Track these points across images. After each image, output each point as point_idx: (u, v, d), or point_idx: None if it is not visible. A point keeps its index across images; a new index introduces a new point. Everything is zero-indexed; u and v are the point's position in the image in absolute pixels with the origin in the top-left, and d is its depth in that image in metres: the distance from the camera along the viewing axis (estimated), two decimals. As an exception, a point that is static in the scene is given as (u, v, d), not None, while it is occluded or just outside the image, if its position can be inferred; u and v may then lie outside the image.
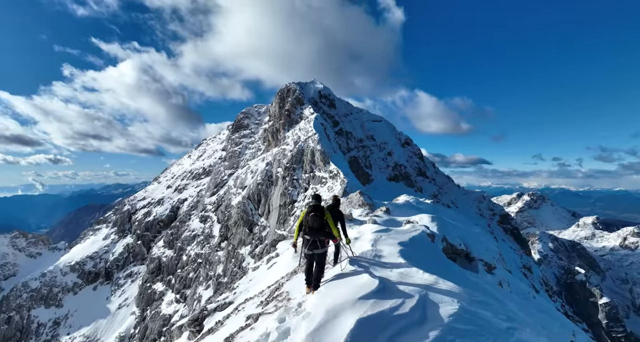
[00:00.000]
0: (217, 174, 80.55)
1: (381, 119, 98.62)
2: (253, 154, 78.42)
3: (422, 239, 10.01)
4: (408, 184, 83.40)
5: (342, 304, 5.50)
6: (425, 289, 6.14)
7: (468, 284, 8.42)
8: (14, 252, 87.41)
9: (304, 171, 57.73)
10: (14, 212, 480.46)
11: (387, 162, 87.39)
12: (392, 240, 9.36)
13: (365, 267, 7.26)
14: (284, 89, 78.52)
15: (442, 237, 11.89)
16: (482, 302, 6.18)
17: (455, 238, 12.47)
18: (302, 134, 63.73)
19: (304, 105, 73.70)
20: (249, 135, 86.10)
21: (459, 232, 14.45)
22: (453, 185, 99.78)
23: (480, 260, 12.83)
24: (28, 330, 69.79)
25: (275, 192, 58.04)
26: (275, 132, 73.15)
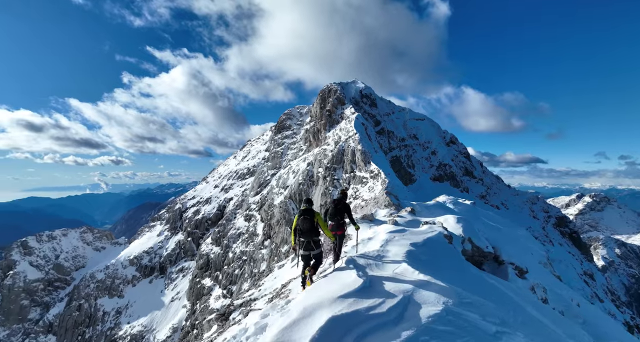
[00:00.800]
0: (260, 174, 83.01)
1: (424, 117, 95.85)
2: (295, 155, 79.76)
3: (437, 240, 9.83)
4: (453, 184, 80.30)
5: (320, 302, 5.55)
6: (413, 290, 6.04)
7: (481, 286, 8.13)
8: (83, 245, 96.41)
9: (344, 171, 57.71)
10: (83, 208, 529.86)
11: (430, 161, 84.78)
12: (404, 241, 9.25)
13: (359, 267, 7.28)
14: (325, 89, 79.00)
15: (467, 239, 11.47)
16: (472, 304, 5.88)
17: (482, 240, 11.88)
18: (343, 134, 63.73)
19: (345, 105, 73.64)
20: (291, 136, 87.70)
21: (490, 234, 13.78)
22: (503, 185, 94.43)
23: (511, 263, 12.15)
24: (95, 317, 76.69)
25: (316, 192, 58.63)
26: (316, 132, 73.85)
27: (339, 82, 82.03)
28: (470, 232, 11.59)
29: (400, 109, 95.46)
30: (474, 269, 9.44)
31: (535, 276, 12.29)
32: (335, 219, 8.75)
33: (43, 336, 77.19)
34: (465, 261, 9.87)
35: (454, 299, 5.77)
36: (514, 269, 11.94)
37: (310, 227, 7.50)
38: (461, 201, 18.56)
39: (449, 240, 10.25)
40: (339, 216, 8.75)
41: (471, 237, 11.49)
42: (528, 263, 13.14)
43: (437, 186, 76.74)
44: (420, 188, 72.64)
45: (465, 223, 11.99)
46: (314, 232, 7.59)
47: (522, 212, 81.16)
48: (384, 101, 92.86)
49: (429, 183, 77.88)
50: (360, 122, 64.48)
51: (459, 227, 11.73)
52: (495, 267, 12.08)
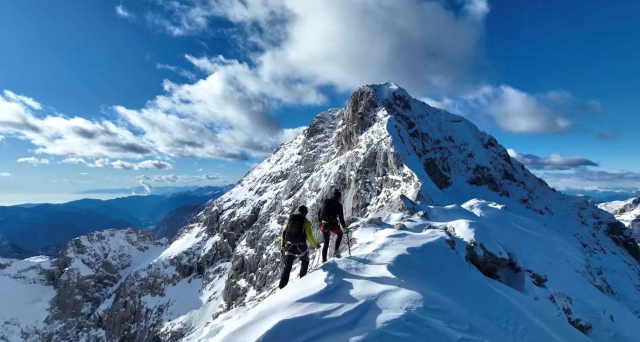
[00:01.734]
0: (293, 177, 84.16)
1: (461, 118, 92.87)
2: (327, 158, 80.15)
3: (438, 245, 9.64)
4: (492, 187, 76.99)
5: (278, 305, 5.54)
6: (379, 294, 5.87)
7: (475, 293, 7.85)
8: (128, 245, 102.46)
9: (376, 173, 57.20)
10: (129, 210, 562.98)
11: (467, 164, 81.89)
12: (401, 245, 9.13)
13: (336, 270, 7.25)
14: (357, 92, 78.87)
15: (479, 244, 11.09)
16: (440, 310, 5.54)
17: (495, 246, 11.33)
18: (375, 137, 63.24)
19: (377, 108, 73.08)
20: (323, 139, 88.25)
21: (516, 240, 13.15)
22: (547, 189, 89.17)
23: (528, 271, 11.50)
24: (139, 313, 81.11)
25: (348, 195, 58.53)
26: (348, 135, 73.83)
27: (372, 85, 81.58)
28: (483, 237, 11.17)
29: (435, 111, 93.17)
30: (475, 275, 9.09)
31: (563, 285, 11.52)
32: (327, 218, 8.99)
33: (94, 329, 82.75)
34: (468, 267, 9.57)
35: (420, 305, 5.57)
36: (532, 276, 11.32)
37: (298, 232, 8.06)
38: (491, 205, 17.77)
39: (451, 245, 10.02)
40: (330, 216, 8.98)
41: (483, 242, 11.11)
42: (561, 271, 12.35)
43: (474, 189, 73.91)
44: (456, 191, 70.34)
45: (478, 228, 11.56)
46: (301, 237, 8.10)
47: (569, 218, 76.07)
48: (418, 103, 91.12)
49: (465, 186, 75.20)
50: (393, 125, 63.70)
51: (470, 232, 11.37)
52: (511, 275, 11.57)
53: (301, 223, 8.13)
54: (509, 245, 12.42)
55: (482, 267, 11.31)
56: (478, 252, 11.12)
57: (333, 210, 8.99)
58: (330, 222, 9.02)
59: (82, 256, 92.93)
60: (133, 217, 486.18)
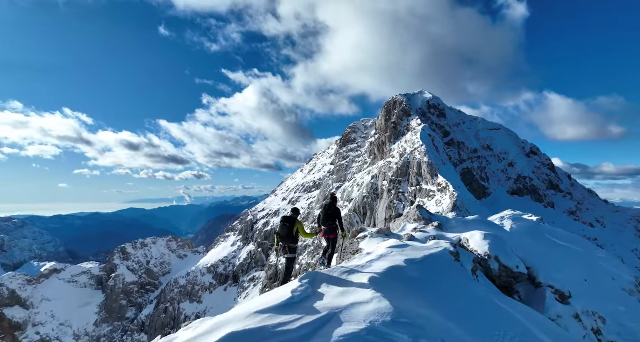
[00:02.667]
0: (325, 187, 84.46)
1: (500, 127, 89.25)
2: (359, 168, 79.80)
3: (441, 257, 9.28)
4: (535, 198, 72.76)
5: (236, 316, 5.41)
6: (346, 307, 5.59)
7: (472, 307, 7.42)
8: (169, 253, 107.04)
9: (410, 184, 56.12)
10: (171, 219, 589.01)
11: (507, 174, 78.19)
12: (400, 256, 8.83)
13: (312, 280, 7.02)
14: (390, 101, 78.38)
15: (494, 257, 10.52)
16: (410, 324, 5.13)
17: (512, 259, 10.62)
18: (409, 146, 62.28)
19: (410, 117, 72.13)
20: (356, 149, 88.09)
21: (540, 254, 12.32)
22: (598, 200, 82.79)
23: (550, 287, 10.64)
24: (178, 320, 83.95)
25: (380, 206, 57.77)
26: (381, 145, 73.26)
27: (405, 94, 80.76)
28: (498, 250, 10.65)
29: (472, 119, 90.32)
30: (479, 289, 8.61)
31: (598, 304, 10.53)
32: (327, 224, 9.13)
33: (137, 334, 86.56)
34: (472, 280, 9.08)
35: (388, 318, 5.27)
36: (554, 292, 10.52)
37: (288, 234, 8.30)
38: (526, 216, 16.81)
39: (456, 257, 9.64)
40: (330, 221, 9.13)
41: (499, 255, 10.57)
42: (601, 289, 11.29)
43: (515, 200, 70.22)
44: (495, 202, 67.19)
45: (494, 240, 10.97)
46: (291, 238, 8.33)
47: (626, 231, 69.90)
48: (453, 111, 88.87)
49: (505, 197, 71.66)
50: (427, 134, 62.49)
51: (485, 244, 10.87)
52: (531, 290, 10.84)
53: (291, 225, 8.32)
54: (536, 259, 11.73)
55: (497, 282, 10.75)
56: (492, 265, 10.58)
57: (332, 215, 9.14)
58: (330, 227, 9.16)
59: (127, 263, 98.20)
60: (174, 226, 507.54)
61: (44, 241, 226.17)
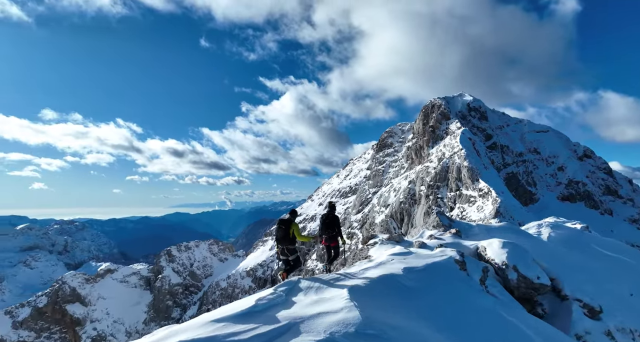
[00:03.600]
0: (362, 192, 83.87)
1: (548, 129, 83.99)
2: (396, 173, 78.48)
3: (444, 265, 8.86)
4: (590, 204, 67.39)
5: (193, 324, 5.31)
6: (310, 317, 5.36)
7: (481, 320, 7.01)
8: (210, 256, 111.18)
9: (449, 189, 54.31)
10: (213, 223, 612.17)
11: (557, 178, 73.22)
12: (399, 264, 8.55)
13: (289, 289, 6.86)
14: (428, 105, 76.67)
15: (512, 267, 9.88)
16: (377, 337, 4.80)
17: (533, 269, 9.87)
18: (447, 150, 60.41)
19: (450, 120, 70.03)
20: (393, 154, 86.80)
21: (576, 264, 11.36)
22: (665, 207, 74.96)
23: (577, 300, 9.69)
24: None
25: (418, 211, 56.37)
26: (418, 149, 71.69)
27: (444, 97, 78.60)
28: (517, 258, 10.02)
29: (517, 121, 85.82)
30: (485, 300, 8.13)
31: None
32: (327, 232, 9.28)
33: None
34: (479, 290, 8.56)
35: (352, 329, 4.99)
36: (582, 306, 9.61)
37: (283, 236, 8.34)
38: (570, 224, 15.59)
39: (461, 266, 9.19)
40: (329, 230, 9.27)
41: (517, 264, 9.95)
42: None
43: (566, 206, 65.48)
44: (544, 209, 63.05)
45: (513, 248, 10.27)
46: (287, 240, 8.36)
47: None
48: (496, 113, 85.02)
49: (555, 203, 67.05)
50: (467, 137, 60.29)
51: (502, 252, 10.29)
52: (556, 303, 10.02)
53: (287, 227, 8.35)
54: (566, 270, 10.92)
55: (516, 293, 10.12)
56: (510, 275, 9.98)
57: (330, 224, 9.27)
58: (329, 235, 9.27)
59: (172, 265, 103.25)
60: (216, 230, 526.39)
61: (100, 242, 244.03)
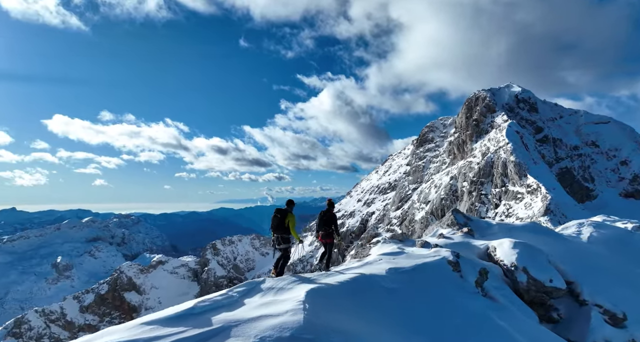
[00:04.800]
0: (401, 188, 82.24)
1: (609, 120, 76.81)
2: (437, 168, 76.01)
3: (435, 266, 8.44)
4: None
5: (125, 326, 5.23)
6: (248, 320, 5.13)
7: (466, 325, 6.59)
8: (252, 250, 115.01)
9: (493, 185, 51.67)
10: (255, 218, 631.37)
11: (619, 173, 66.86)
12: (386, 264, 8.25)
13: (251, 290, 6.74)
14: (471, 97, 73.30)
15: (521, 269, 9.23)
16: (310, 341, 4.55)
17: (547, 272, 9.07)
18: (492, 145, 57.45)
19: (495, 113, 66.48)
20: (433, 149, 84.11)
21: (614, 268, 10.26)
22: None
23: (597, 306, 8.70)
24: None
25: (460, 208, 54.23)
26: (461, 144, 68.86)
27: (489, 89, 74.64)
28: (528, 260, 9.32)
29: (572, 112, 79.41)
30: (476, 302, 7.56)
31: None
32: (324, 229, 9.40)
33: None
34: (472, 292, 7.99)
35: (286, 334, 4.75)
36: (602, 313, 8.62)
37: (278, 225, 8.46)
38: (620, 224, 14.21)
39: (454, 267, 8.67)
40: (326, 226, 9.39)
41: (527, 266, 9.26)
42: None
43: (630, 204, 59.66)
44: (603, 206, 57.92)
45: (524, 249, 9.58)
46: (282, 229, 8.47)
47: None
48: (547, 105, 79.28)
49: (617, 200, 61.31)
50: (514, 130, 56.89)
51: (512, 253, 9.62)
52: (574, 309, 9.18)
53: (283, 216, 8.48)
54: (593, 273, 9.97)
55: (526, 296, 9.42)
56: (520, 277, 9.35)
57: (327, 221, 9.37)
58: (326, 232, 9.41)
59: (217, 258, 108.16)
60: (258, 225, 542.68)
61: (153, 235, 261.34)
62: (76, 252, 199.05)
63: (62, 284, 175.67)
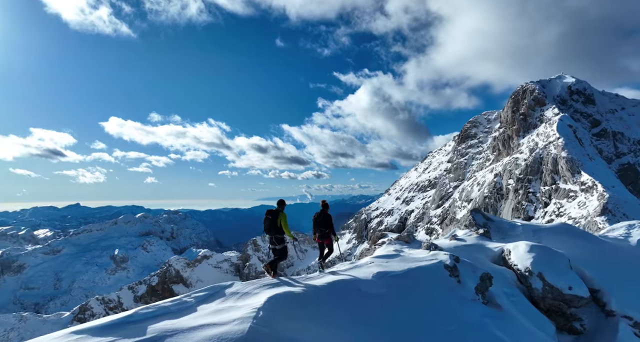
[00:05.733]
0: (442, 186, 79.62)
1: (680, 109, 69.11)
2: (480, 165, 72.64)
3: (430, 270, 7.86)
4: None
5: (56, 334, 5.07)
6: (188, 330, 4.89)
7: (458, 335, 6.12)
8: (291, 247, 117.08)
9: (542, 182, 48.48)
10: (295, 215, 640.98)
11: (693, 169, 59.96)
12: (376, 268, 7.80)
13: (213, 294, 6.53)
14: (518, 90, 69.24)
15: (537, 274, 8.47)
16: None
17: (566, 277, 8.16)
18: (541, 140, 53.91)
19: (545, 106, 62.27)
20: (476, 145, 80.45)
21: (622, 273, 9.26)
22: None
23: (627, 317, 7.72)
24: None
25: (505, 207, 51.55)
26: (506, 139, 65.28)
27: (538, 80, 70.05)
28: (545, 265, 8.48)
29: (635, 104, 72.36)
30: (472, 310, 6.87)
31: None
32: (319, 230, 9.47)
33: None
34: (469, 300, 7.31)
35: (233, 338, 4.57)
36: (632, 325, 7.56)
37: (270, 226, 8.52)
38: None
39: (451, 272, 8.02)
40: (321, 227, 9.33)
41: (543, 271, 8.41)
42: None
43: None
44: (672, 206, 52.28)
45: (541, 253, 8.71)
46: (275, 229, 8.54)
47: None
48: (606, 96, 72.90)
49: (689, 200, 55.02)
50: (566, 124, 52.99)
51: (528, 257, 8.81)
52: (600, 319, 8.23)
53: (274, 217, 8.49)
54: (628, 282, 9.01)
55: (542, 304, 8.56)
56: (535, 283, 8.57)
57: (322, 222, 9.33)
58: (322, 233, 9.39)
59: (257, 254, 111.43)
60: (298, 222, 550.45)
61: (199, 231, 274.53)
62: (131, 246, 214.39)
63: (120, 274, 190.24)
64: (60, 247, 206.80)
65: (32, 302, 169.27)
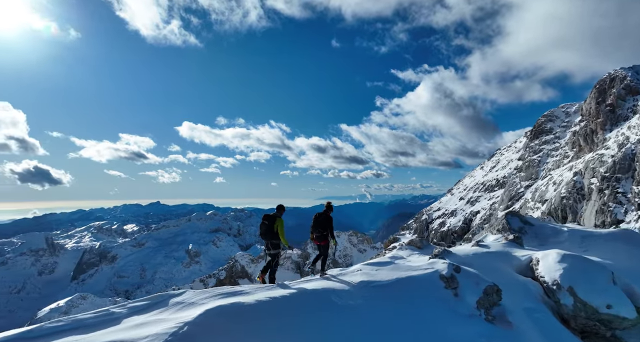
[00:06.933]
0: (511, 185, 73.78)
1: None
2: (557, 163, 65.88)
3: (423, 280, 7.03)
4: None
5: None
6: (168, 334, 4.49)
7: None
8: (350, 246, 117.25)
9: (635, 182, 42.49)
10: (354, 215, 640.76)
11: None
12: (359, 277, 7.27)
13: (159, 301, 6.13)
14: (605, 78, 61.58)
15: (567, 289, 7.14)
16: None
17: (604, 293, 6.67)
18: (633, 133, 47.34)
19: (638, 95, 54.61)
20: (552, 141, 73.13)
21: None
22: None
23: None
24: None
25: (587, 209, 46.17)
26: (589, 134, 58.39)
27: (630, 66, 61.53)
28: (579, 278, 7.03)
29: None
30: (468, 329, 5.80)
31: None
32: (317, 231, 9.10)
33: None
34: (466, 316, 6.23)
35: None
36: None
37: (266, 231, 8.48)
38: None
39: (447, 283, 6.96)
40: (320, 228, 9.07)
41: (574, 286, 6.97)
42: None
43: None
44: None
45: (574, 263, 7.27)
46: (271, 235, 8.49)
47: None
48: None
49: None
50: (665, 114, 45.79)
51: (558, 268, 7.43)
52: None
53: (271, 222, 8.43)
54: None
55: (572, 323, 7.21)
56: (564, 299, 7.25)
57: (322, 223, 9.14)
58: (321, 234, 9.19)
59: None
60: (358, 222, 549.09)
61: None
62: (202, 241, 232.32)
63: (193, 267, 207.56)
64: (144, 241, 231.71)
65: (123, 289, 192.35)
